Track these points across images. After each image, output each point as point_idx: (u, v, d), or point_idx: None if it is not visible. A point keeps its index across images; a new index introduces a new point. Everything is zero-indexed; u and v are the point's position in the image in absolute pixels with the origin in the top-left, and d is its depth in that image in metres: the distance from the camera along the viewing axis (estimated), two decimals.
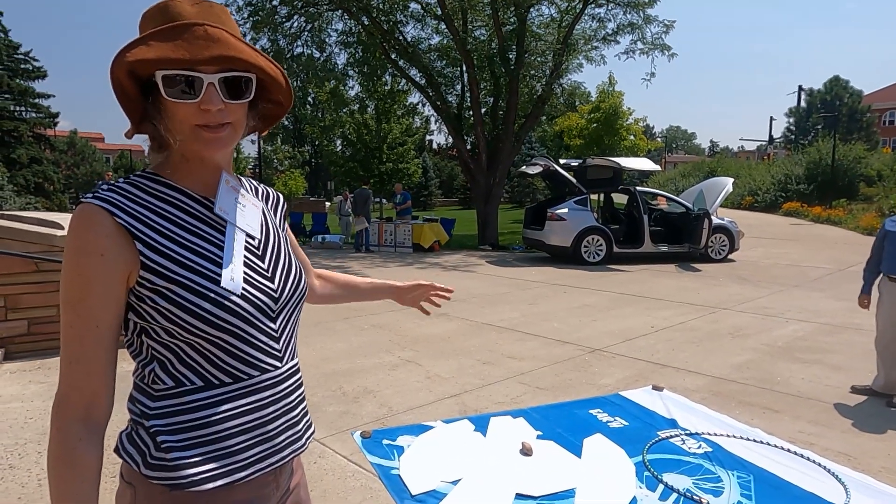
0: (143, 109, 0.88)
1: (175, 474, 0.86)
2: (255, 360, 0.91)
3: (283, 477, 1.00)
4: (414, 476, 1.77)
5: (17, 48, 37.39)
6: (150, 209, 0.87)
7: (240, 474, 0.89)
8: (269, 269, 0.95)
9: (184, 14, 0.84)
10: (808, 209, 19.89)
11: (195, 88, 0.83)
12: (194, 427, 0.88)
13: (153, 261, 0.84)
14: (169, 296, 0.84)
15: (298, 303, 1.01)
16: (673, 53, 14.70)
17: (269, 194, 1.10)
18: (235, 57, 0.83)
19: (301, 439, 1.00)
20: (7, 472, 2.87)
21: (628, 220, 12.00)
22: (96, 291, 0.83)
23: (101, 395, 0.87)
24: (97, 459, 0.87)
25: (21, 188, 31.13)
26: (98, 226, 0.82)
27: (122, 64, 0.81)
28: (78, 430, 0.85)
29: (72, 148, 44.02)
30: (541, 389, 4.19)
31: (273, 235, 1.01)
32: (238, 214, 0.95)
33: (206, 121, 0.85)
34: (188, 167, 0.92)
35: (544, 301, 7.56)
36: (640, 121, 28.70)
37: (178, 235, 0.88)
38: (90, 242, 0.82)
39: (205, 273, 0.86)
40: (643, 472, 1.75)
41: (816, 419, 3.65)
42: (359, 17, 14.49)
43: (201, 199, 0.92)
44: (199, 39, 0.81)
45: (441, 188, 45.71)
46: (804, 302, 7.27)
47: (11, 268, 4.67)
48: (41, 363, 4.60)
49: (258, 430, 0.92)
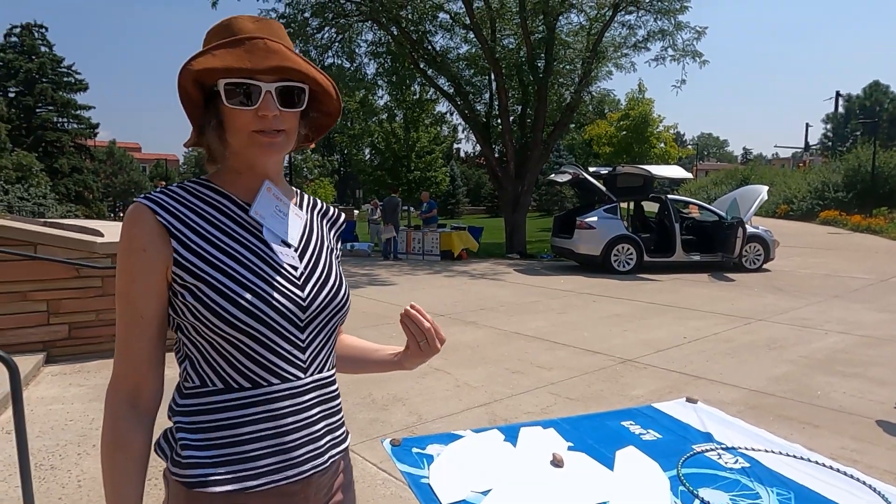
0: (206, 120, 0.93)
1: (188, 472, 0.88)
2: (275, 367, 0.91)
3: (314, 491, 0.97)
4: (444, 485, 1.76)
5: (60, 62, 38.86)
6: (192, 210, 0.92)
7: (252, 482, 0.89)
8: (300, 277, 0.95)
9: (245, 29, 0.90)
10: (846, 218, 19.32)
11: (253, 97, 0.88)
12: (212, 428, 0.89)
13: (185, 258, 0.88)
14: (196, 293, 0.87)
15: (333, 316, 0.99)
16: (704, 60, 14.49)
17: (327, 210, 1.12)
18: (291, 68, 0.88)
19: (322, 457, 0.97)
20: (48, 472, 2.96)
21: (659, 228, 11.81)
22: (139, 284, 0.88)
23: (147, 383, 0.91)
24: (143, 444, 0.91)
25: (62, 196, 32.26)
26: (142, 223, 0.88)
27: (189, 73, 0.87)
28: (125, 414, 0.90)
29: (110, 157, 45.45)
30: (571, 400, 4.14)
31: (314, 246, 1.02)
32: (275, 220, 0.97)
33: (263, 126, 0.89)
34: (237, 175, 0.97)
35: (573, 310, 7.48)
36: (671, 128, 28.35)
37: (213, 236, 0.91)
38: (134, 238, 0.88)
39: (230, 274, 0.89)
40: (678, 487, 1.71)
41: (860, 435, 3.52)
42: (388, 27, 14.66)
43: (242, 204, 0.96)
44: (260, 51, 0.87)
45: (468, 196, 45.75)
46: (844, 313, 7.04)
47: (54, 273, 4.83)
48: (81, 366, 4.74)
49: (274, 439, 0.91)
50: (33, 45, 37.93)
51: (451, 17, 15.33)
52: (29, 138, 35.68)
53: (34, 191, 25.60)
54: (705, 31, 14.31)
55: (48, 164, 34.00)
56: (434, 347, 1.02)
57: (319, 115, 1.01)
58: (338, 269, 1.05)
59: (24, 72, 36.59)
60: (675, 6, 13.93)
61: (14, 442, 2.19)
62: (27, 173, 28.17)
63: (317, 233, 1.04)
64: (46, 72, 37.73)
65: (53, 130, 37.35)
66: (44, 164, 31.89)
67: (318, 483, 0.98)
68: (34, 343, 4.79)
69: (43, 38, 38.68)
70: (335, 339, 1.03)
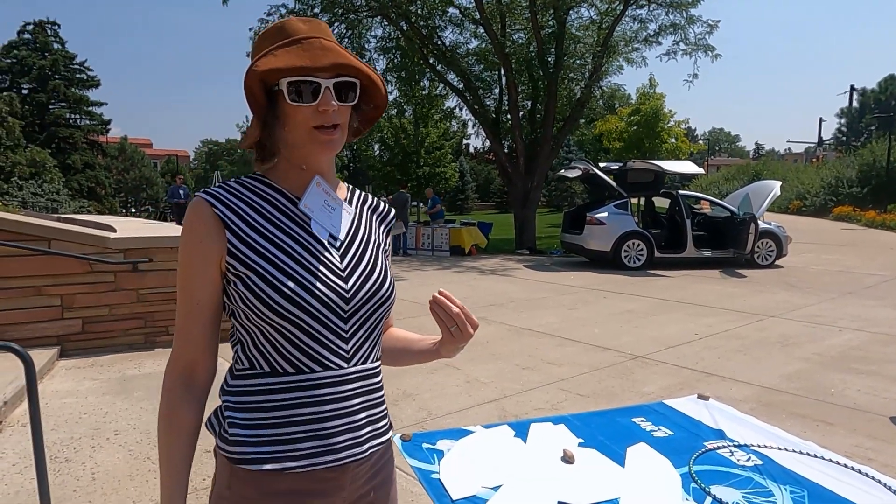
0: (271, 119, 0.98)
1: (233, 448, 0.94)
2: (318, 355, 0.95)
3: (350, 478, 0.99)
4: (454, 481, 1.76)
5: (72, 59, 39.17)
6: (246, 203, 0.98)
7: (290, 463, 0.94)
8: (345, 269, 0.99)
9: (298, 31, 0.96)
10: (860, 213, 19.09)
11: (314, 93, 0.93)
12: (256, 409, 0.95)
13: (237, 248, 0.94)
14: (245, 281, 0.93)
15: (377, 308, 1.02)
16: (717, 54, 14.37)
17: (377, 206, 1.16)
18: (347, 64, 0.94)
19: (361, 446, 0.99)
20: (63, 465, 3.00)
21: (670, 224, 11.74)
22: (195, 272, 0.95)
23: (200, 363, 0.99)
24: (193, 419, 0.98)
25: (75, 192, 32.55)
26: (200, 216, 0.95)
27: (255, 74, 0.92)
28: (179, 391, 0.98)
29: (122, 153, 45.78)
30: (582, 396, 4.13)
31: (361, 240, 1.05)
32: (323, 214, 1.02)
33: (323, 121, 0.94)
34: (291, 171, 1.02)
35: (584, 306, 7.45)
36: (682, 123, 28.10)
37: (263, 227, 0.97)
38: (194, 230, 0.95)
39: (277, 264, 0.94)
40: (690, 484, 1.70)
41: (875, 433, 3.48)
42: (398, 23, 14.64)
43: (293, 198, 1.01)
44: (316, 50, 0.94)
45: (478, 192, 45.68)
46: (858, 310, 6.96)
47: (67, 269, 4.88)
48: (94, 360, 4.79)
49: (313, 424, 0.95)
50: (46, 43, 38.24)
51: (460, 11, 15.28)
52: (42, 135, 36.02)
53: (48, 187, 25.87)
54: (718, 24, 14.18)
55: (61, 160, 34.32)
56: (466, 333, 1.01)
57: (368, 107, 1.06)
58: (383, 263, 1.07)
59: (37, 69, 36.92)
60: (688, 0, 13.80)
61: (30, 435, 2.22)
62: (41, 169, 28.48)
63: (364, 227, 1.08)
64: (59, 69, 38.04)
65: (66, 127, 37.68)
66: (57, 161, 32.20)
67: (356, 472, 1.00)
68: (48, 337, 4.85)
69: (56, 36, 38.99)
70: (380, 332, 1.06)
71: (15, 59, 37.28)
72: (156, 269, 5.20)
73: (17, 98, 32.59)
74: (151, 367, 4.68)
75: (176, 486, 0.98)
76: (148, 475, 2.90)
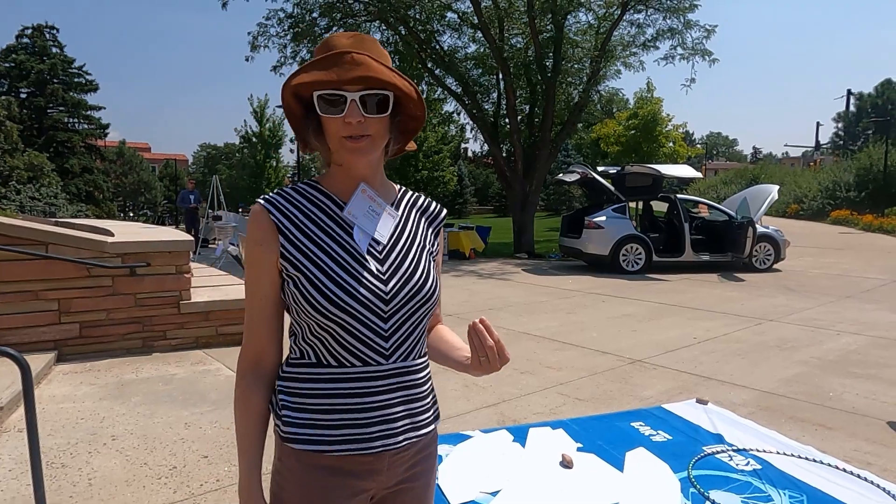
0: (307, 128, 1.06)
1: (283, 428, 1.06)
2: (358, 351, 1.04)
3: (387, 465, 1.08)
4: (453, 486, 1.76)
5: (71, 62, 39.16)
6: (298, 209, 1.07)
7: (325, 447, 1.04)
8: (386, 272, 1.06)
9: (340, 45, 1.02)
10: (858, 217, 19.13)
11: (341, 105, 0.99)
12: (303, 394, 1.05)
13: (289, 252, 1.04)
14: (296, 282, 1.03)
15: (418, 308, 1.08)
16: (714, 59, 14.39)
17: (427, 207, 1.21)
18: (373, 77, 0.98)
19: (395, 437, 1.07)
20: (59, 470, 2.98)
21: (668, 228, 11.75)
22: (257, 273, 1.06)
23: (266, 352, 1.10)
24: (261, 402, 1.09)
25: (73, 196, 32.50)
26: (259, 221, 1.05)
27: (288, 88, 1.00)
28: (250, 378, 1.09)
29: (120, 158, 45.70)
30: (580, 400, 4.13)
31: (404, 243, 1.11)
32: (367, 220, 1.08)
33: (349, 132, 1.00)
34: (338, 176, 1.10)
35: (582, 310, 7.45)
36: (680, 127, 28.16)
37: (312, 233, 1.05)
38: (254, 235, 1.05)
39: (322, 268, 1.02)
40: (689, 489, 1.69)
41: (874, 437, 3.48)
42: (396, 27, 14.67)
43: (340, 203, 1.08)
44: (346, 64, 0.98)
45: (476, 196, 45.68)
46: (857, 314, 6.97)
47: (65, 273, 4.86)
48: (92, 365, 4.77)
49: (350, 414, 1.04)
50: (45, 47, 38.24)
51: (458, 16, 15.31)
52: (40, 139, 35.98)
53: (45, 191, 25.83)
54: (715, 29, 14.22)
55: (59, 164, 34.26)
56: (494, 366, 1.04)
57: (406, 118, 1.09)
58: (426, 264, 1.13)
59: (35, 73, 36.90)
60: (685, 4, 13.85)
61: (26, 440, 2.21)
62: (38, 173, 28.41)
63: (410, 230, 1.14)
64: (57, 73, 38.02)
65: (64, 131, 37.65)
66: (55, 165, 32.13)
67: (393, 459, 1.08)
68: (45, 342, 4.83)
69: (54, 40, 38.98)
70: (423, 329, 1.13)
71: (13, 63, 37.25)
72: (153, 273, 5.19)
73: (15, 102, 32.54)
74: (149, 371, 4.66)
75: (251, 461, 1.09)
76: (145, 481, 2.88)
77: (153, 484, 2.86)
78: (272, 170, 35.86)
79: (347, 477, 1.05)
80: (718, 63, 14.49)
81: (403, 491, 1.13)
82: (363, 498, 1.09)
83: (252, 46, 15.14)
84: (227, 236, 12.56)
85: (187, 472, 2.98)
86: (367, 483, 1.07)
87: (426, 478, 1.17)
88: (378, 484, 1.09)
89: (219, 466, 3.04)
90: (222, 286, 6.20)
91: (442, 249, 1.24)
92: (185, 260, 5.41)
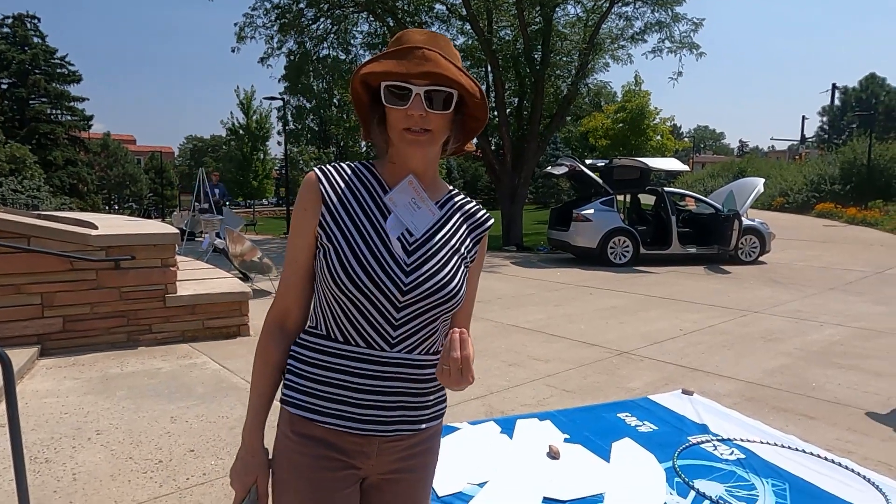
0: (372, 117, 1.10)
1: (284, 390, 1.12)
2: (364, 332, 1.07)
3: (377, 450, 1.11)
4: (440, 477, 1.76)
5: (53, 53, 38.50)
6: (346, 184, 1.10)
7: (316, 416, 1.08)
8: (410, 264, 1.07)
9: (413, 40, 1.05)
10: (842, 210, 19.36)
11: (405, 97, 1.02)
12: (308, 363, 1.10)
13: (327, 222, 1.07)
14: (326, 252, 1.07)
15: (434, 307, 1.08)
16: (701, 52, 14.45)
17: (473, 213, 1.20)
18: (440, 73, 1.00)
19: (387, 425, 1.10)
20: (43, 465, 2.95)
21: (656, 221, 11.82)
22: (297, 235, 1.10)
23: (293, 312, 1.14)
24: (280, 356, 1.14)
25: (56, 189, 32.02)
26: (308, 188, 1.09)
27: (357, 75, 1.05)
28: (272, 330, 1.14)
29: (105, 150, 45.09)
30: (568, 392, 4.15)
31: (438, 242, 1.11)
32: (406, 210, 1.10)
33: (410, 124, 1.03)
34: (392, 164, 1.12)
35: (570, 303, 7.49)
36: (667, 120, 28.31)
37: (353, 209, 1.08)
38: (301, 199, 1.10)
39: (351, 244, 1.05)
40: (674, 478, 1.71)
41: (855, 427, 3.53)
42: (384, 18, 14.57)
43: (388, 188, 1.11)
44: (416, 59, 1.01)
45: (465, 189, 45.67)
46: (840, 306, 7.06)
47: (48, 266, 4.79)
48: (76, 359, 4.72)
49: (345, 391, 1.08)
50: (26, 36, 37.54)
51: (447, 8, 15.23)
52: (22, 130, 35.38)
53: (28, 183, 25.40)
54: (702, 22, 14.26)
55: (42, 156, 33.74)
56: (454, 379, 0.97)
57: (468, 118, 1.11)
58: (455, 267, 1.12)
59: (16, 63, 36.24)
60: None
61: (8, 435, 2.18)
62: (21, 166, 27.98)
63: (448, 231, 1.14)
64: (39, 63, 37.38)
65: (47, 122, 37.06)
66: (37, 157, 31.64)
67: (384, 447, 1.11)
68: (28, 336, 4.76)
69: (35, 30, 38.28)
70: (437, 329, 1.13)
71: None
72: (138, 266, 5.13)
73: None
74: (134, 365, 4.62)
75: (259, 407, 1.14)
76: (130, 475, 2.86)
77: (139, 478, 2.84)
78: (259, 162, 35.57)
79: (336, 451, 1.08)
80: (705, 57, 14.56)
81: (398, 480, 1.15)
82: (350, 476, 1.11)
83: (238, 37, 14.97)
84: (214, 229, 12.45)
85: (173, 465, 2.97)
86: (356, 462, 1.10)
87: (423, 471, 1.19)
88: (368, 468, 1.11)
89: (205, 460, 3.03)
90: (209, 279, 6.15)
91: (482, 258, 1.22)
92: (171, 253, 5.36)
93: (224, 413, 3.67)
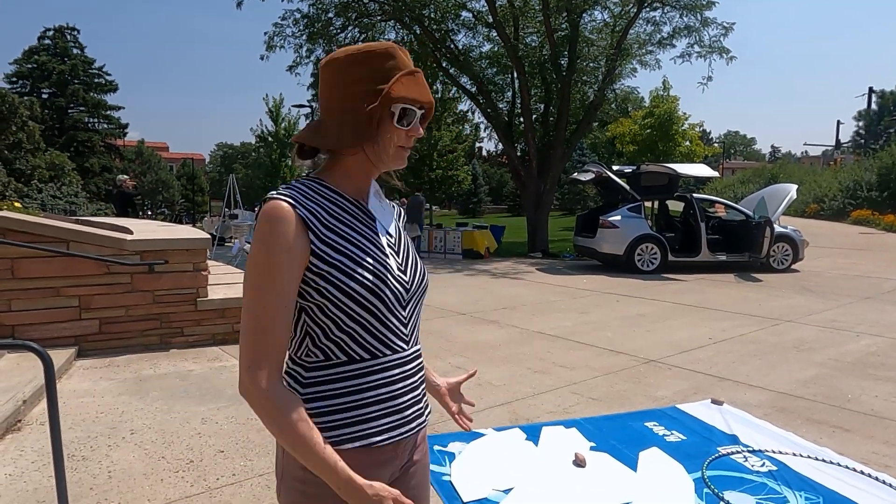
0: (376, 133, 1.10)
1: (326, 434, 1.01)
2: (388, 340, 1.08)
3: (402, 448, 1.14)
4: (466, 483, 1.77)
5: (91, 63, 39.78)
6: (318, 205, 1.06)
7: (375, 438, 1.06)
8: (403, 263, 1.13)
9: (407, 62, 1.08)
10: (879, 217, 18.77)
11: (413, 120, 1.08)
12: (340, 395, 1.05)
13: (319, 248, 1.02)
14: (327, 276, 1.02)
15: (423, 296, 1.17)
16: (732, 56, 14.24)
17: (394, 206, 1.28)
18: (432, 102, 1.10)
19: (424, 414, 1.16)
20: (80, 463, 3.04)
21: (684, 227, 11.64)
22: (287, 276, 0.99)
23: (284, 354, 1.03)
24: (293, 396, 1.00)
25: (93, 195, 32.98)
26: (285, 219, 1.00)
27: (388, 99, 1.04)
28: (277, 383, 0.99)
29: (139, 157, 46.33)
30: (594, 400, 4.11)
31: (403, 237, 1.20)
32: (382, 215, 1.16)
33: (407, 143, 1.09)
34: (347, 178, 1.11)
35: (596, 310, 7.42)
36: (697, 126, 27.89)
37: (338, 227, 1.06)
38: (282, 234, 0.99)
39: (356, 259, 1.04)
40: (703, 489, 1.68)
41: (892, 440, 3.42)
42: (411, 26, 14.70)
43: (353, 201, 1.12)
44: (424, 86, 1.08)
45: (490, 195, 45.62)
46: (877, 315, 6.85)
47: (85, 270, 4.95)
48: (111, 361, 4.85)
49: (390, 402, 1.08)
50: (66, 48, 38.87)
51: (473, 15, 15.30)
52: (61, 138, 36.58)
53: (66, 189, 26.24)
54: (733, 27, 14.06)
55: (79, 163, 34.81)
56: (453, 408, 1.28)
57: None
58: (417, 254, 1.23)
59: (56, 73, 37.53)
60: (702, 2, 13.72)
61: (48, 433, 2.26)
62: (59, 172, 28.91)
63: (400, 225, 1.22)
64: (78, 73, 38.64)
65: (85, 130, 38.27)
66: (75, 164, 32.67)
67: (406, 443, 1.14)
68: (66, 337, 4.92)
69: (75, 41, 39.61)
70: (420, 316, 1.21)
71: (35, 63, 37.91)
72: (171, 270, 5.26)
73: (37, 102, 33.11)
74: (166, 367, 4.73)
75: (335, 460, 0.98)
76: (162, 474, 2.93)
77: (171, 477, 2.90)
78: (287, 169, 36.18)
79: (374, 469, 1.06)
80: (736, 61, 14.35)
81: (414, 469, 1.20)
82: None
83: (268, 46, 15.28)
84: (244, 234, 12.68)
85: (204, 465, 3.03)
86: (385, 472, 1.11)
87: (426, 461, 1.26)
88: (393, 470, 1.13)
89: (234, 461, 3.08)
90: (238, 283, 6.27)
91: None
92: (203, 258, 5.48)
93: (253, 415, 3.73)
